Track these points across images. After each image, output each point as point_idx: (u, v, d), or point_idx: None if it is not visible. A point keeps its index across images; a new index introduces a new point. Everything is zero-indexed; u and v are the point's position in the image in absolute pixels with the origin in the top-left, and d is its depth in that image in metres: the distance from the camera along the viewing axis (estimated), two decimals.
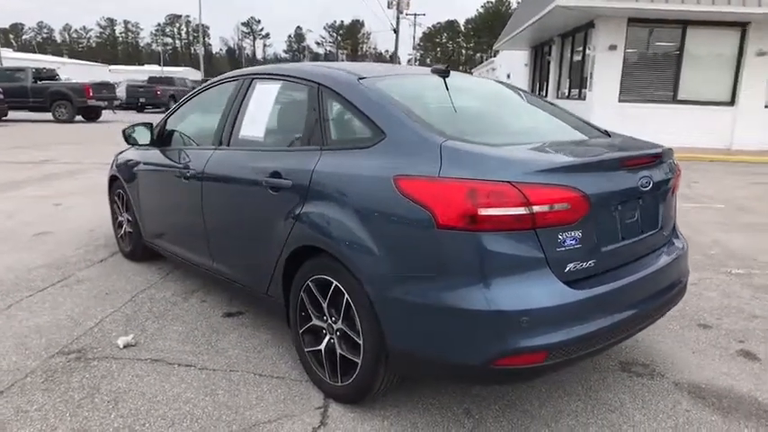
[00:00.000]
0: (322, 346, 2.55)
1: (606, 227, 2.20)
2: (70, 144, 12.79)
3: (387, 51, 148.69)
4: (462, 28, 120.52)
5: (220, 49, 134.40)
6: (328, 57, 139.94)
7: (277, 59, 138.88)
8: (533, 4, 15.25)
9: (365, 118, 2.42)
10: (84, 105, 19.75)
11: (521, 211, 1.94)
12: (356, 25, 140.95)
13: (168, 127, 3.88)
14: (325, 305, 2.49)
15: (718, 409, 2.54)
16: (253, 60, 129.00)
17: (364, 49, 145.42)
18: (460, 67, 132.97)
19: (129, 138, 3.87)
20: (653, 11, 11.97)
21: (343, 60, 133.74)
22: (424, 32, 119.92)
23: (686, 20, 12.39)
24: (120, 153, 4.66)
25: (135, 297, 3.72)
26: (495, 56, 35.48)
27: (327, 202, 2.39)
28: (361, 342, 2.31)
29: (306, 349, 2.65)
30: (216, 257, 3.25)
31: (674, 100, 12.94)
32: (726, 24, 12.40)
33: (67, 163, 9.78)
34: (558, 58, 16.95)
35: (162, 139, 3.88)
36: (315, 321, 2.58)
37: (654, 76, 12.98)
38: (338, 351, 2.45)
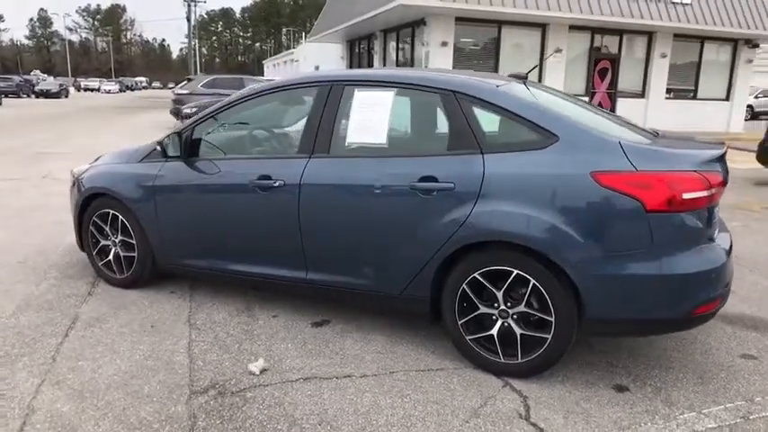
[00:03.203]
0: (494, 331, 2.80)
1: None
2: None
3: (155, 40, 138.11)
4: (239, 17, 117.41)
5: None
6: (85, 44, 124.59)
7: (16, 46, 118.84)
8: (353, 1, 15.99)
9: (528, 122, 2.72)
10: None
11: (705, 193, 2.50)
12: (116, 10, 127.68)
13: (200, 137, 3.56)
14: (500, 293, 2.74)
15: (750, 327, 3.45)
16: None
17: (128, 37, 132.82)
18: (239, 58, 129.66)
19: (167, 149, 3.46)
20: (475, 11, 13.59)
21: (104, 49, 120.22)
22: (197, 20, 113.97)
23: (501, 20, 14.33)
24: (87, 169, 4.07)
25: (193, 324, 3.40)
26: (295, 47, 35.73)
27: (510, 199, 2.64)
28: (552, 319, 2.64)
29: (468, 337, 2.86)
30: (315, 268, 3.20)
31: None
32: (531, 25, 14.66)
33: None
34: (382, 52, 18.04)
35: (191, 150, 3.56)
36: (483, 310, 2.81)
37: (478, 69, 14.74)
38: (518, 332, 2.74)
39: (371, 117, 3.05)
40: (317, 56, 28.56)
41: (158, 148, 3.44)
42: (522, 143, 2.73)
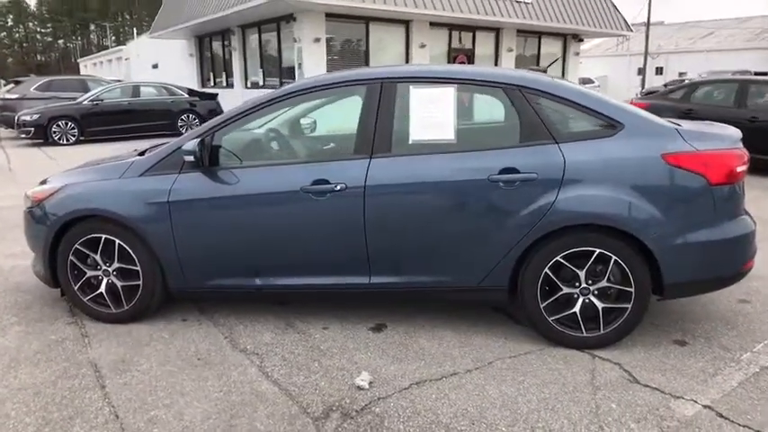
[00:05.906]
0: (576, 309, 2.99)
1: None
2: None
3: None
4: (35, 10, 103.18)
5: None
6: None
7: None
8: None
9: (594, 112, 2.95)
10: None
11: (745, 167, 2.94)
12: None
13: (223, 144, 3.23)
14: (582, 273, 2.94)
15: None
16: None
17: None
18: (38, 57, 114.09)
19: (200, 159, 3.06)
20: (343, 7, 13.70)
21: None
22: None
23: (369, 16, 14.61)
24: (54, 191, 3.44)
25: (244, 350, 3.10)
26: (124, 44, 32.65)
27: (593, 184, 2.84)
28: (632, 290, 2.91)
29: (550, 318, 3.02)
30: (381, 271, 3.11)
31: None
32: (396, 22, 15.16)
33: None
34: (242, 48, 17.32)
35: (215, 159, 3.22)
36: (564, 290, 2.98)
37: (351, 64, 14.89)
38: (599, 306, 2.97)
39: (435, 113, 3.04)
40: (154, 53, 26.40)
41: (190, 158, 3.03)
42: (592, 132, 2.95)
